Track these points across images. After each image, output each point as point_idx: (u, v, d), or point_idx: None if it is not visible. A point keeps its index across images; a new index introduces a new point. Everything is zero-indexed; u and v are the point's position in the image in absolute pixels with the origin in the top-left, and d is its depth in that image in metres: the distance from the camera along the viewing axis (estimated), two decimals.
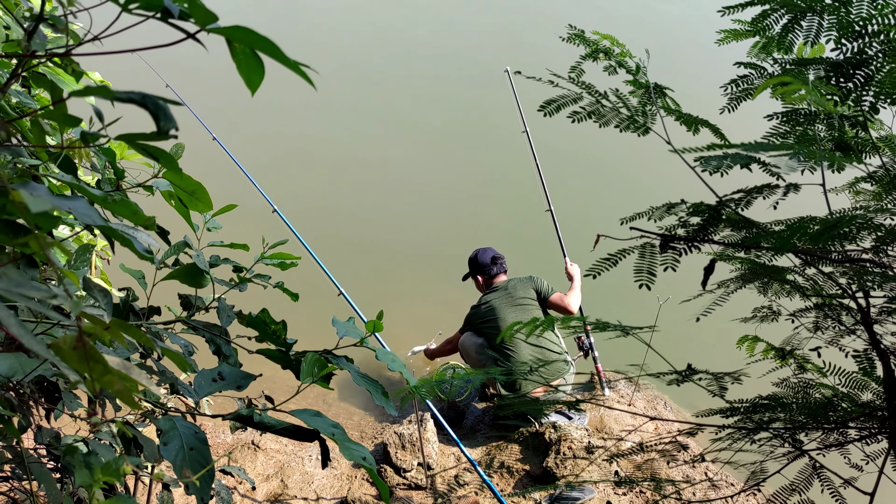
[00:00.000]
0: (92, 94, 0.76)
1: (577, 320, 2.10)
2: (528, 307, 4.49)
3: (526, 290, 4.55)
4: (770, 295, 1.59)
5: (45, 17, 1.02)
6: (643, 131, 1.53)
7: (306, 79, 0.93)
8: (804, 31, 1.43)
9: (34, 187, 0.93)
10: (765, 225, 1.40)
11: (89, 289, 1.33)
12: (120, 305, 1.78)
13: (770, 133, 1.45)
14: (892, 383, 1.33)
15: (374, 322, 1.74)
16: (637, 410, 4.56)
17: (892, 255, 1.34)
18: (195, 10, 0.90)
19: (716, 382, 1.63)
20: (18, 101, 1.92)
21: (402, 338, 5.28)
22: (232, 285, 1.91)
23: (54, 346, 0.80)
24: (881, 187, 1.39)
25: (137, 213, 1.27)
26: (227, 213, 1.91)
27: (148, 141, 0.99)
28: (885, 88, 1.27)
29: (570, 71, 1.68)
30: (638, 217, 1.47)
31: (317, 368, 1.59)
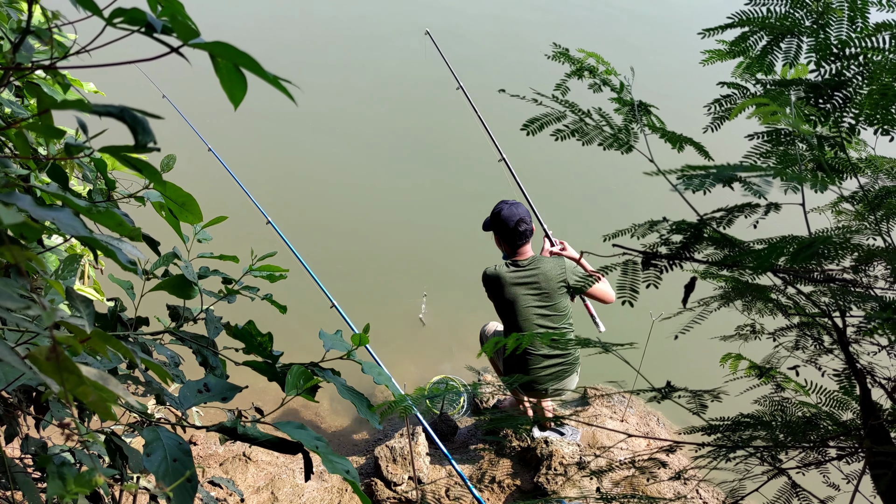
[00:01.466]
0: (69, 107, 0.77)
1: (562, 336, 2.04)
2: (556, 303, 4.08)
3: (555, 280, 4.08)
4: (753, 313, 1.60)
5: (32, 30, 1.03)
6: (626, 149, 1.55)
7: (286, 93, 0.94)
8: (783, 52, 1.45)
9: (18, 198, 0.94)
10: (747, 244, 1.41)
11: (72, 299, 1.34)
12: (108, 315, 1.79)
13: (752, 152, 1.46)
14: (868, 403, 1.34)
15: (361, 335, 1.74)
16: (619, 428, 4.56)
17: (871, 276, 1.35)
18: (177, 26, 0.92)
19: (695, 400, 1.63)
20: (11, 110, 1.93)
21: (396, 351, 5.28)
22: (220, 297, 1.92)
23: (31, 357, 0.81)
24: (863, 206, 1.40)
25: (122, 224, 1.28)
26: (220, 224, 1.92)
27: (131, 153, 1.00)
28: (864, 110, 1.28)
29: (555, 89, 1.70)
30: (620, 234, 1.48)
31: (302, 381, 1.60)
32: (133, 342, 1.69)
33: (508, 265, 4.10)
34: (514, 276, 4.06)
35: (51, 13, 1.05)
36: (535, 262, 4.09)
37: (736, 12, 1.46)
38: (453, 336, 5.63)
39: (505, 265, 4.11)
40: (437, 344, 5.55)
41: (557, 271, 4.10)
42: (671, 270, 1.42)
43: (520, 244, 4.08)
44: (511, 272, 4.07)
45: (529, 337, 1.82)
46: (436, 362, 5.36)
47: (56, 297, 1.61)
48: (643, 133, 1.57)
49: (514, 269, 4.08)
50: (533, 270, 4.07)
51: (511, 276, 4.06)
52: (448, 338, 5.60)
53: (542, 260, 4.12)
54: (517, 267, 4.08)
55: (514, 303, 4.05)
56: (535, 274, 4.06)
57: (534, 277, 4.06)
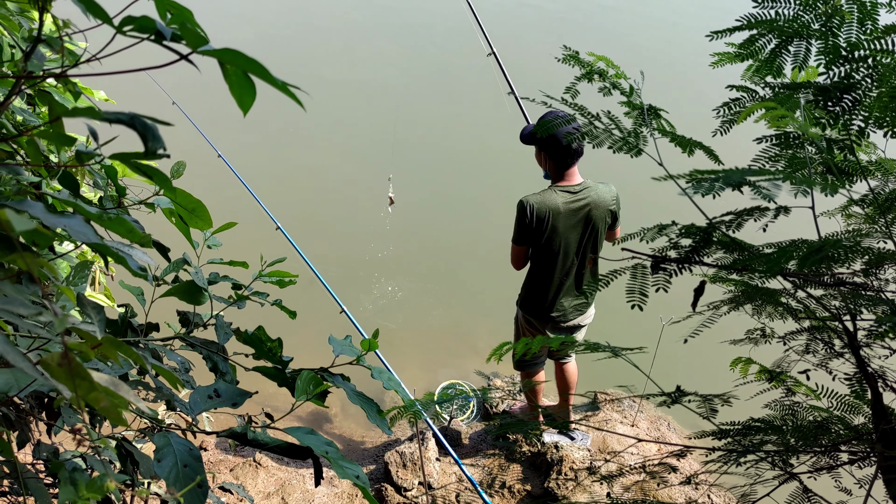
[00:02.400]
0: (80, 115, 0.78)
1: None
2: (599, 235, 3.58)
3: (605, 208, 3.55)
4: (763, 317, 1.59)
5: (43, 38, 1.04)
6: (636, 153, 1.54)
7: (295, 99, 0.95)
8: (792, 55, 1.44)
9: (30, 205, 0.95)
10: (757, 247, 1.41)
11: (83, 305, 1.35)
12: (118, 321, 1.80)
13: (761, 155, 1.46)
14: (880, 407, 1.33)
15: (370, 340, 1.75)
16: (629, 433, 4.54)
17: (882, 279, 1.34)
18: (186, 33, 0.92)
19: (705, 404, 1.63)
20: (23, 118, 1.95)
21: (405, 356, 5.29)
22: (230, 302, 1.93)
23: (43, 363, 0.81)
24: (873, 210, 1.40)
25: (133, 230, 1.29)
26: (230, 230, 1.93)
27: (141, 160, 1.01)
28: (873, 113, 1.28)
29: (565, 91, 1.70)
30: (629, 238, 1.48)
31: (312, 386, 1.61)
32: (144, 348, 1.70)
33: (557, 191, 3.48)
34: (566, 205, 3.46)
35: (61, 22, 1.06)
36: (587, 187, 3.51)
37: (744, 15, 1.46)
38: (463, 341, 5.63)
39: (554, 191, 3.49)
40: (447, 349, 5.55)
41: (610, 198, 3.56)
42: (680, 274, 1.42)
43: (570, 164, 3.48)
44: (564, 200, 3.47)
45: (539, 341, 1.82)
46: (445, 367, 5.36)
47: (67, 303, 1.62)
48: (652, 136, 1.57)
49: (565, 196, 3.47)
50: (585, 197, 3.49)
51: (564, 205, 3.46)
52: (458, 342, 5.60)
53: (594, 185, 3.54)
54: (569, 193, 3.48)
55: (560, 235, 3.51)
56: (588, 201, 3.49)
57: (586, 205, 3.49)
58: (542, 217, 3.45)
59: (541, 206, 3.43)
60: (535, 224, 3.47)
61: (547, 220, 3.45)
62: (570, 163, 3.46)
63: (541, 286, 3.72)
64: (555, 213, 3.44)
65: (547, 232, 3.50)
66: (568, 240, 3.53)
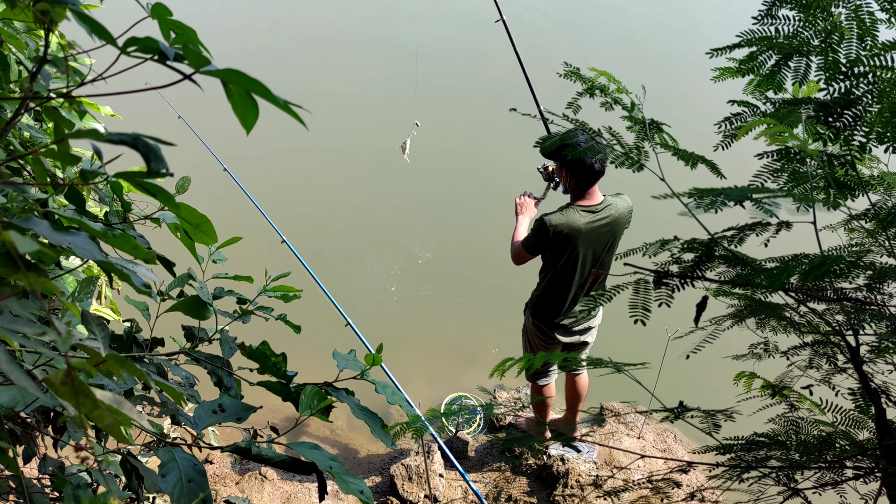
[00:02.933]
0: (84, 136, 0.79)
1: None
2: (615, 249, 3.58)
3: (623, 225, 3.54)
4: (766, 331, 1.59)
5: (49, 59, 1.05)
6: (638, 168, 1.55)
7: (297, 118, 0.96)
8: (792, 71, 1.45)
9: (35, 223, 0.96)
10: (759, 262, 1.41)
11: (87, 322, 1.36)
12: (123, 336, 1.81)
13: (763, 170, 1.47)
14: (883, 423, 1.33)
15: (374, 355, 1.75)
16: (636, 444, 4.52)
17: (885, 294, 1.34)
18: (189, 54, 0.93)
19: (708, 419, 1.62)
20: (30, 134, 1.97)
21: (410, 369, 5.28)
22: (235, 317, 1.93)
23: (47, 381, 0.82)
24: (875, 224, 1.40)
25: (137, 247, 1.30)
26: (235, 244, 1.94)
27: (145, 178, 1.02)
28: (874, 128, 1.28)
29: (567, 107, 1.71)
30: (632, 253, 1.48)
31: (316, 401, 1.61)
32: (148, 363, 1.70)
33: (580, 210, 3.41)
34: (588, 226, 3.40)
35: (67, 43, 1.07)
36: (608, 205, 3.45)
37: (744, 31, 1.47)
38: (468, 353, 5.62)
39: (576, 210, 3.41)
40: (453, 362, 5.54)
41: (627, 213, 3.51)
42: (683, 289, 1.42)
43: (593, 183, 3.42)
44: (586, 220, 3.40)
45: (541, 357, 1.82)
46: (451, 380, 5.35)
47: (73, 318, 1.63)
48: (654, 151, 1.58)
49: (587, 216, 3.41)
50: (608, 215, 3.44)
51: (586, 225, 3.39)
52: (463, 355, 5.59)
53: (613, 201, 3.48)
54: (591, 213, 3.42)
55: (580, 253, 3.46)
56: (609, 220, 3.45)
57: (607, 224, 3.45)
58: (563, 237, 3.40)
59: (563, 227, 3.38)
60: (554, 243, 3.44)
61: (568, 240, 3.41)
62: (592, 181, 3.41)
63: (556, 299, 3.70)
64: (576, 234, 3.40)
65: (567, 251, 3.46)
66: (586, 256, 3.51)
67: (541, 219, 3.43)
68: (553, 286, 3.67)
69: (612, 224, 3.46)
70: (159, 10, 1.09)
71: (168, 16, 1.09)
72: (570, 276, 3.57)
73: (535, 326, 3.86)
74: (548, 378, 4.10)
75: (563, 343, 3.84)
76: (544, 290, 3.74)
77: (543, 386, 4.11)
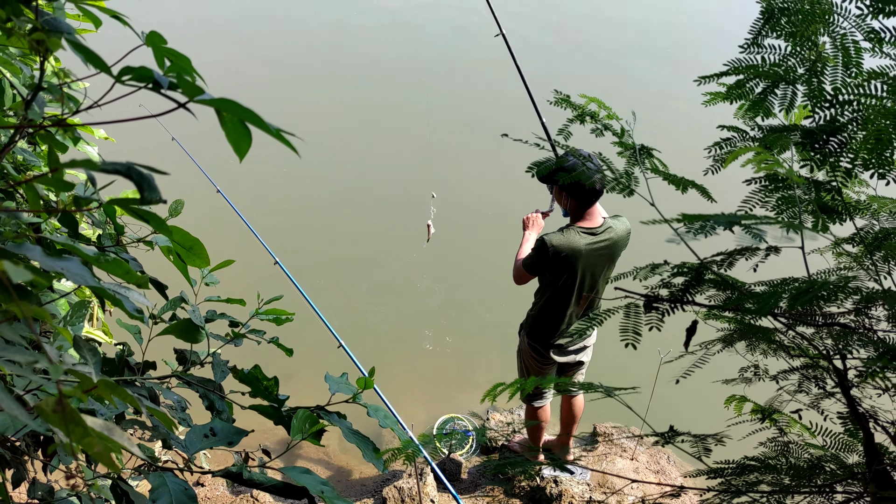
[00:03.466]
0: (78, 166, 0.80)
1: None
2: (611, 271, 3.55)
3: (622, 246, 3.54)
4: (756, 355, 1.60)
5: (44, 86, 1.07)
6: (628, 193, 1.56)
7: (290, 146, 0.97)
8: (779, 98, 1.47)
9: (28, 248, 0.96)
10: (748, 286, 1.42)
11: (79, 347, 1.36)
12: (115, 360, 1.81)
13: (751, 196, 1.48)
14: (871, 447, 1.34)
15: (366, 378, 1.75)
16: (629, 465, 4.51)
17: (872, 318, 1.35)
18: (183, 84, 0.95)
19: (699, 444, 1.63)
20: (23, 157, 1.97)
21: (403, 391, 5.27)
22: (227, 340, 1.93)
23: (37, 408, 0.82)
24: (862, 249, 1.42)
25: (130, 272, 1.30)
26: (228, 266, 1.94)
27: (138, 205, 1.03)
28: (860, 155, 1.30)
29: (558, 133, 1.73)
30: (622, 276, 1.50)
31: (307, 425, 1.61)
32: (140, 387, 1.70)
33: (581, 232, 3.39)
34: (588, 247, 3.39)
35: (62, 71, 1.08)
36: (608, 227, 3.45)
37: (730, 60, 1.49)
38: (461, 375, 5.62)
39: (577, 232, 3.39)
40: (445, 383, 5.54)
41: (626, 235, 3.52)
42: (673, 313, 1.43)
43: (593, 203, 3.41)
44: (587, 242, 3.38)
45: (550, 381, 1.82)
46: (444, 401, 5.34)
47: (64, 343, 1.63)
48: (644, 176, 1.59)
49: (588, 238, 3.39)
50: (607, 238, 3.43)
51: (587, 247, 3.38)
52: (456, 376, 5.59)
53: (613, 223, 3.48)
54: (592, 235, 3.40)
55: (580, 275, 3.44)
56: (610, 242, 3.44)
57: (606, 246, 3.45)
58: (562, 258, 3.38)
59: (563, 248, 3.36)
60: (554, 263, 3.42)
61: (568, 261, 3.39)
62: (593, 201, 3.40)
63: (554, 319, 3.68)
64: (577, 256, 3.38)
65: (567, 272, 3.45)
66: (584, 278, 3.49)
67: (541, 239, 3.41)
68: (550, 306, 3.66)
69: (611, 246, 3.46)
70: (154, 38, 1.10)
71: (162, 44, 1.10)
72: (567, 296, 3.56)
73: (531, 347, 3.84)
74: (543, 400, 4.08)
75: (559, 363, 3.82)
76: (541, 310, 3.72)
77: (539, 408, 4.09)
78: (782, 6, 1.35)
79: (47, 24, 0.97)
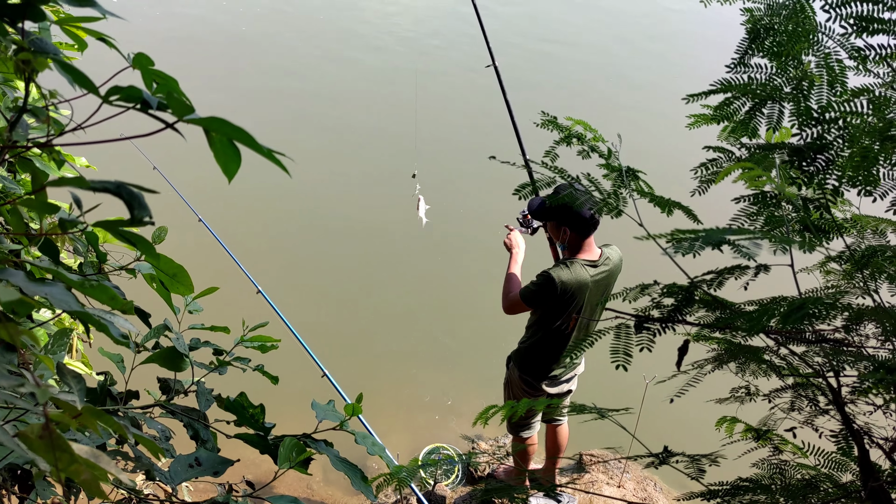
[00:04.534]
0: (67, 184, 0.78)
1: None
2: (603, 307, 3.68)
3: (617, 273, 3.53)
4: (748, 374, 1.60)
5: (28, 108, 1.05)
6: (616, 214, 1.57)
7: (281, 166, 0.95)
8: (766, 117, 1.48)
9: (10, 273, 0.94)
10: (739, 305, 1.42)
11: (62, 374, 1.33)
12: (97, 390, 1.77)
13: (740, 214, 1.49)
14: (867, 464, 1.33)
15: (354, 405, 1.73)
16: (616, 494, 4.48)
17: (862, 335, 1.36)
18: (173, 103, 0.94)
19: (693, 464, 1.62)
20: (3, 185, 1.95)
21: (389, 419, 5.22)
22: (211, 368, 1.90)
23: (22, 436, 0.80)
24: (851, 266, 1.42)
25: (115, 297, 1.28)
26: (211, 294, 1.92)
27: (126, 227, 1.01)
28: (846, 172, 1.31)
29: (545, 156, 1.73)
30: (612, 298, 1.49)
31: (294, 453, 1.58)
32: (123, 416, 1.67)
33: (584, 265, 3.39)
34: (594, 280, 3.38)
35: (47, 92, 1.07)
36: (607, 257, 3.46)
37: (717, 80, 1.50)
38: (446, 404, 5.57)
39: (581, 266, 3.38)
40: (431, 412, 5.49)
41: (620, 263, 3.53)
42: (664, 333, 1.42)
43: (590, 234, 3.40)
44: (591, 274, 3.39)
45: (542, 403, 1.80)
46: (429, 430, 5.29)
47: (46, 372, 1.59)
48: (632, 198, 1.60)
49: (592, 270, 3.39)
50: (606, 268, 3.44)
51: (592, 279, 3.38)
52: (441, 405, 5.54)
53: (609, 252, 3.50)
54: (594, 267, 3.40)
55: (581, 308, 3.40)
56: (608, 272, 3.45)
57: (606, 277, 3.44)
58: (570, 294, 3.35)
59: (571, 284, 3.33)
60: (560, 299, 3.37)
61: (574, 296, 3.37)
62: (591, 232, 3.39)
63: (551, 353, 3.62)
64: (584, 289, 3.37)
65: (570, 306, 3.41)
66: (585, 310, 3.45)
67: (547, 274, 3.36)
68: (548, 340, 3.59)
69: (608, 276, 3.46)
70: (141, 59, 1.09)
71: (150, 66, 1.09)
72: (568, 331, 3.51)
73: (522, 380, 3.76)
74: (531, 430, 4.03)
75: (550, 394, 3.78)
76: (537, 343, 3.64)
77: (526, 439, 4.04)
78: (767, 25, 1.37)
79: (33, 45, 0.96)
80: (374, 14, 12.90)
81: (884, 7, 1.26)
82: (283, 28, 11.96)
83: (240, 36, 11.60)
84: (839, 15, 1.30)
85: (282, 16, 12.35)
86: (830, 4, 1.28)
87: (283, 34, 11.76)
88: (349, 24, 12.41)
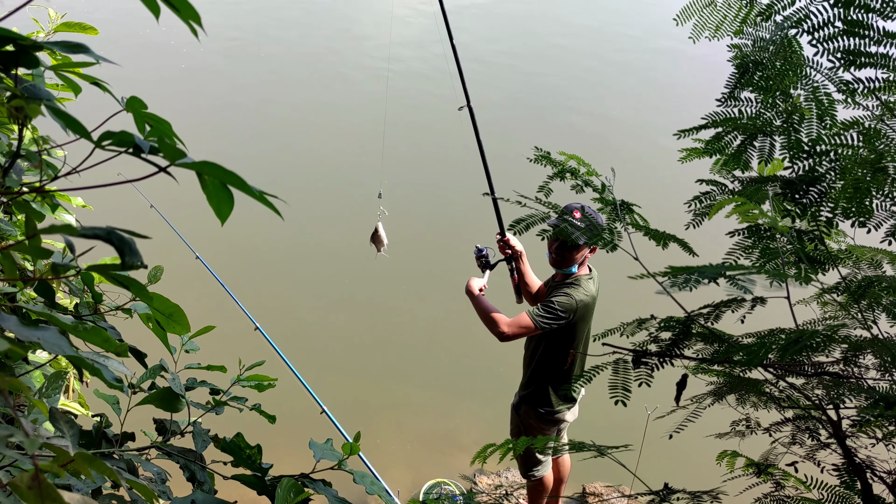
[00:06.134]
0: (58, 232, 0.78)
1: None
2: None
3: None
4: (748, 407, 1.59)
5: (22, 154, 1.05)
6: (611, 248, 1.57)
7: (273, 209, 0.96)
8: (757, 150, 1.49)
9: (3, 318, 0.94)
10: (736, 338, 1.42)
11: (55, 420, 1.32)
12: (92, 432, 1.76)
13: (734, 248, 1.49)
14: (869, 499, 1.32)
15: (352, 444, 1.71)
16: None
17: (861, 366, 1.35)
18: (165, 148, 0.94)
19: (694, 502, 1.60)
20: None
21: (388, 456, 5.17)
22: (208, 408, 1.89)
23: (12, 485, 0.79)
24: (847, 297, 1.42)
25: (109, 340, 1.27)
26: (209, 333, 1.91)
27: (118, 271, 1.01)
28: (839, 204, 1.31)
29: (538, 191, 1.74)
30: (610, 333, 1.48)
31: (292, 494, 1.56)
32: (118, 459, 1.65)
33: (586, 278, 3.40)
34: (597, 292, 3.43)
35: (41, 138, 1.07)
36: (594, 272, 3.50)
37: (708, 114, 1.51)
38: (447, 438, 5.52)
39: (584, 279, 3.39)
40: (431, 447, 5.43)
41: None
42: (662, 368, 1.41)
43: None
44: (595, 287, 3.43)
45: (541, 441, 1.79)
46: (430, 465, 5.24)
47: (40, 415, 1.58)
48: (627, 231, 1.60)
49: (593, 283, 3.43)
50: (596, 276, 3.49)
51: (596, 291, 3.43)
52: (442, 440, 5.49)
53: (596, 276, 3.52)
54: (593, 281, 3.44)
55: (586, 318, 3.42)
56: (598, 280, 3.50)
57: (598, 285, 3.49)
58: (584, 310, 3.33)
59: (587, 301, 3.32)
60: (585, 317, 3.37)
61: (587, 310, 3.37)
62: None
63: (568, 374, 3.54)
64: (593, 303, 3.38)
65: (585, 323, 3.41)
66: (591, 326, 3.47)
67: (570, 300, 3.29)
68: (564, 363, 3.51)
69: (597, 292, 3.45)
70: (134, 103, 1.10)
71: (143, 109, 1.10)
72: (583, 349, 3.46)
73: (540, 417, 3.62)
74: (544, 468, 3.90)
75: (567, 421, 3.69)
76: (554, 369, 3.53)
77: (542, 477, 3.92)
78: (756, 60, 1.38)
79: (26, 91, 0.97)
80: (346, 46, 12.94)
81: (870, 41, 1.27)
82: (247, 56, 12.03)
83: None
84: (826, 49, 1.31)
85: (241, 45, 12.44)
86: (818, 39, 1.30)
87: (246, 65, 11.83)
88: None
